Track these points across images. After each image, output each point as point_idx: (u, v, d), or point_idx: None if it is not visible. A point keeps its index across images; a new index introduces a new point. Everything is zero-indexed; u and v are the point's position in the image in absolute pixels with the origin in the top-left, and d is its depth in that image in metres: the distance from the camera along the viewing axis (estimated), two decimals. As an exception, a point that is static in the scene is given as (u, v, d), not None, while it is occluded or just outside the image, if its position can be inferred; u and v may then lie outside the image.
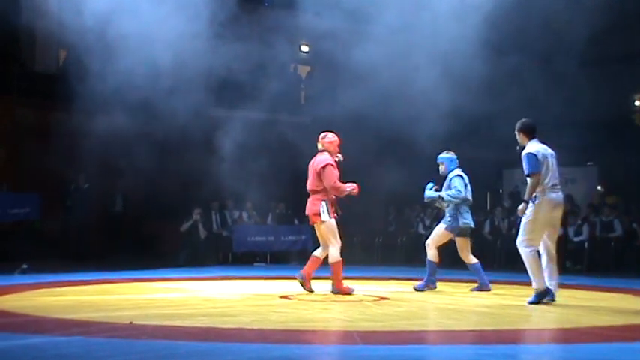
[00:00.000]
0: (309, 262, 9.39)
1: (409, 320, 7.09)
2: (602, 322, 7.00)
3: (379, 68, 14.41)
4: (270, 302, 8.41)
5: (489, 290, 9.87)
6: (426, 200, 10.07)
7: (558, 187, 8.17)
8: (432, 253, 9.78)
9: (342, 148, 9.48)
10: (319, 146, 9.34)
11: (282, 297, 8.91)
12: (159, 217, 17.32)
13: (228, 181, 15.46)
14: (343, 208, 9.40)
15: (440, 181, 10.05)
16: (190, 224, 15.95)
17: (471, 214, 10.00)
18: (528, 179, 8.12)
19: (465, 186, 9.86)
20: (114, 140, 15.17)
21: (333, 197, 9.22)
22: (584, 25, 16.11)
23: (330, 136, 9.37)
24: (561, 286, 11.09)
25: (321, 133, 9.47)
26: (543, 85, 17.16)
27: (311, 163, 9.31)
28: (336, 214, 9.21)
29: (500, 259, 16.33)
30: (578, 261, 15.51)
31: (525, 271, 9.78)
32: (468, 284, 10.55)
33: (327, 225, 9.08)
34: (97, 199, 17.01)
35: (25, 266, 12.12)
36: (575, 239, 15.50)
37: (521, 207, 8.21)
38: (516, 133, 8.44)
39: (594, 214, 16.00)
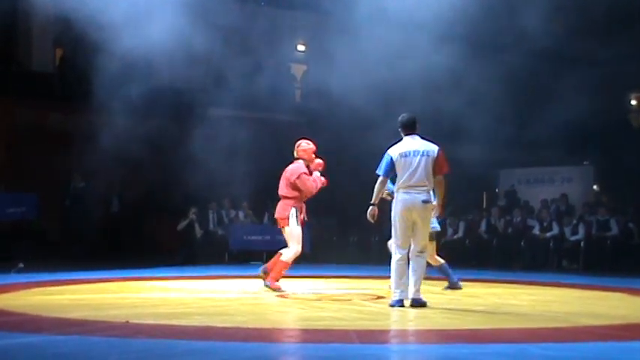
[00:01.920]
0: (273, 258, 9.63)
1: (406, 319, 7.09)
2: (599, 321, 7.01)
3: (375, 66, 14.42)
4: (266, 301, 8.41)
5: (460, 288, 9.76)
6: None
7: (416, 188, 7.61)
8: (435, 260, 9.60)
9: (339, 146, 9.53)
10: (295, 154, 9.58)
11: (278, 296, 8.92)
12: (155, 217, 17.31)
13: (224, 180, 15.46)
14: (341, 208, 9.46)
15: None
16: (187, 223, 15.94)
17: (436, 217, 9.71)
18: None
19: None
20: (111, 140, 15.16)
21: (303, 204, 9.49)
22: (579, 24, 16.14)
23: (304, 144, 9.60)
24: (558, 285, 11.14)
25: (298, 140, 9.69)
26: (540, 85, 17.20)
27: (285, 170, 9.55)
28: (304, 221, 9.51)
29: (496, 258, 16.35)
30: (574, 260, 15.53)
31: (522, 269, 9.82)
32: (472, 284, 10.55)
33: (292, 230, 9.38)
34: (94, 200, 17.00)
35: (21, 265, 12.11)
36: (572, 239, 15.52)
37: (369, 210, 7.97)
38: None
39: (590, 214, 16.02)
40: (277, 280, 9.44)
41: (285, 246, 9.60)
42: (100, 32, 12.68)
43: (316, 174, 9.50)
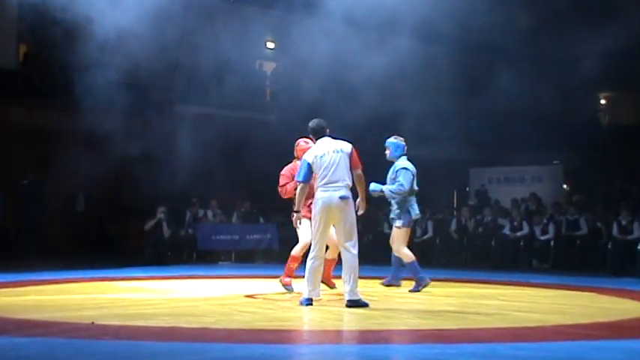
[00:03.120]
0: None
1: (374, 319, 7.10)
2: (568, 321, 7.08)
3: (346, 65, 14.43)
4: (234, 302, 8.38)
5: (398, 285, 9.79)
6: (370, 192, 9.46)
7: (333, 185, 7.71)
8: (407, 255, 9.59)
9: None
10: (295, 154, 9.43)
11: (247, 296, 8.89)
12: (122, 216, 17.17)
13: (193, 179, 15.37)
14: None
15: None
16: (154, 223, 15.82)
17: (418, 203, 9.76)
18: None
19: (413, 177, 9.52)
20: (76, 137, 15.00)
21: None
22: (550, 23, 16.28)
23: (302, 144, 9.34)
24: (528, 284, 11.23)
25: (296, 139, 9.51)
26: (510, 84, 17.34)
27: None
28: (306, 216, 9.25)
29: (466, 258, 16.45)
30: (544, 259, 15.67)
31: (492, 269, 9.89)
32: (442, 283, 10.57)
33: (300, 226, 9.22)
34: (59, 198, 16.84)
35: None
36: (542, 238, 15.65)
37: (294, 216, 8.14)
38: None
39: (560, 213, 16.16)
40: (287, 277, 9.25)
41: (286, 245, 9.49)
42: (65, 28, 12.55)
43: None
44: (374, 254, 16.96)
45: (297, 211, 8.15)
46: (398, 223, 9.59)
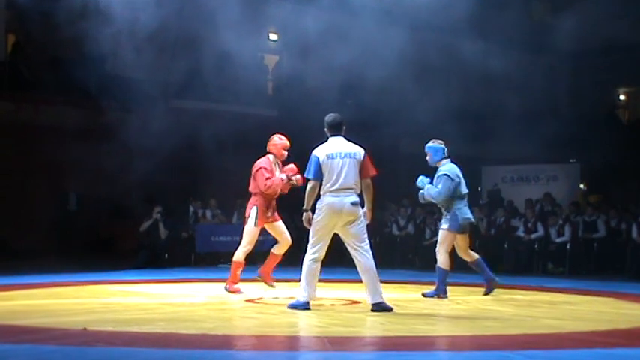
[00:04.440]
0: (267, 259, 10.15)
1: (381, 325, 7.10)
2: (584, 327, 7.07)
3: (351, 58, 14.42)
4: (234, 306, 8.39)
5: (496, 285, 9.98)
6: (417, 183, 9.75)
7: (344, 191, 7.76)
8: (442, 260, 9.74)
9: (311, 143, 9.52)
10: (267, 148, 9.79)
11: (247, 301, 8.90)
12: (116, 216, 17.18)
13: (191, 177, 15.34)
14: (313, 206, 9.42)
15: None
16: (150, 224, 15.80)
17: (469, 207, 9.88)
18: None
19: (458, 182, 9.58)
20: (66, 133, 14.97)
21: (270, 201, 9.74)
22: (568, 17, 16.24)
23: (275, 139, 9.80)
24: (543, 289, 11.22)
25: (272, 135, 9.88)
26: (526, 79, 17.34)
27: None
28: (268, 219, 9.82)
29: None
30: (560, 263, 15.62)
31: (505, 273, 9.90)
32: (452, 288, 10.56)
33: (247, 229, 9.81)
34: (49, 197, 16.85)
35: None
36: (557, 240, 15.60)
37: (304, 216, 7.98)
38: None
39: (577, 214, 16.11)
40: (235, 283, 9.68)
41: (275, 243, 10.09)
42: (55, 18, 12.54)
43: (282, 176, 9.59)
44: (382, 256, 16.97)
45: (306, 211, 8.04)
46: (444, 225, 9.72)
